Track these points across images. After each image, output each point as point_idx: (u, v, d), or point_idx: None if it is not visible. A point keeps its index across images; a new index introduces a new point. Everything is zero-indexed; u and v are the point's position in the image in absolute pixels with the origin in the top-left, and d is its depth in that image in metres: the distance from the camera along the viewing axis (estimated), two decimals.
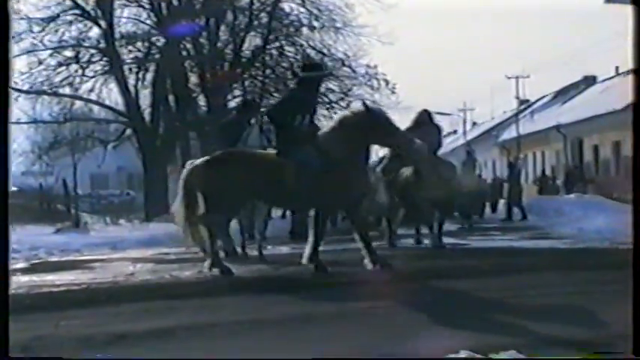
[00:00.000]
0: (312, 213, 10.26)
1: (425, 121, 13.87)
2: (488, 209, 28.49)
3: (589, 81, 46.95)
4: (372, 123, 9.92)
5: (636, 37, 4.65)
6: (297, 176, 9.85)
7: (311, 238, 10.15)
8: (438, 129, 14.40)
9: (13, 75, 23.37)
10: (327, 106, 26.01)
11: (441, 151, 14.54)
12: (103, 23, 24.69)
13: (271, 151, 10.60)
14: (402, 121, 15.38)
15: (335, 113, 25.78)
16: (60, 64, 24.72)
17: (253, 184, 10.04)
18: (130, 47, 25.64)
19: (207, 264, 10.24)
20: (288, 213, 17.41)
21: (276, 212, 18.62)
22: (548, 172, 39.80)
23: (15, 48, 23.35)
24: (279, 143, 10.34)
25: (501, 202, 28.26)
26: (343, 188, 9.91)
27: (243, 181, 9.96)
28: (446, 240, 13.89)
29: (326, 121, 26.13)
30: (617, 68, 41.59)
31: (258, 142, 13.51)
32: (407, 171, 13.12)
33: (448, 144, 56.15)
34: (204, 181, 10.26)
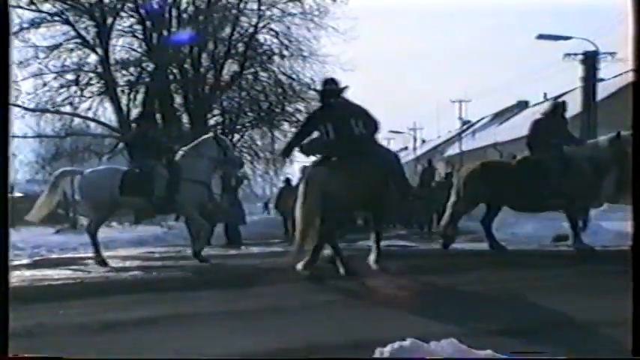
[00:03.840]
0: None
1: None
2: None
3: (522, 105, 47.25)
4: None
5: (636, 37, 4.11)
6: None
7: None
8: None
9: (20, 95, 23.48)
10: (295, 124, 26.05)
11: None
12: (100, 50, 24.71)
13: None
14: None
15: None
16: (62, 86, 24.78)
17: None
18: (124, 72, 25.59)
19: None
20: None
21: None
22: None
23: (23, 72, 23.55)
24: None
25: None
26: None
27: None
28: (396, 242, 13.91)
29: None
30: (545, 95, 41.93)
31: None
32: None
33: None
34: None
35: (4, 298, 3.65)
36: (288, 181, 22.25)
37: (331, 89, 9.55)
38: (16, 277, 9.82)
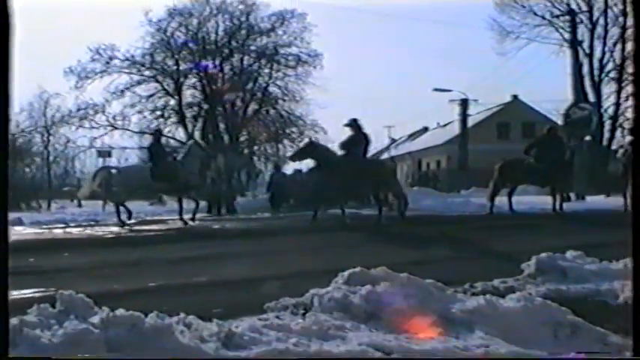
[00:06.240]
0: None
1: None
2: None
3: (424, 130, 47.12)
4: None
5: (636, 38, 2.84)
6: None
7: None
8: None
9: (130, 124, 24.06)
10: (291, 141, 26.34)
11: None
12: (176, 97, 25.18)
13: None
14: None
15: (296, 146, 26.16)
16: (154, 118, 25.14)
17: None
18: (190, 109, 25.68)
19: None
20: None
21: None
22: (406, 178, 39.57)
23: (132, 110, 24.49)
24: None
25: None
26: None
27: None
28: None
29: (290, 148, 26.41)
30: (438, 123, 42.05)
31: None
32: None
33: None
34: None
35: (4, 299, 2.52)
36: (277, 168, 21.04)
37: (358, 125, 9.93)
38: (125, 230, 9.81)
